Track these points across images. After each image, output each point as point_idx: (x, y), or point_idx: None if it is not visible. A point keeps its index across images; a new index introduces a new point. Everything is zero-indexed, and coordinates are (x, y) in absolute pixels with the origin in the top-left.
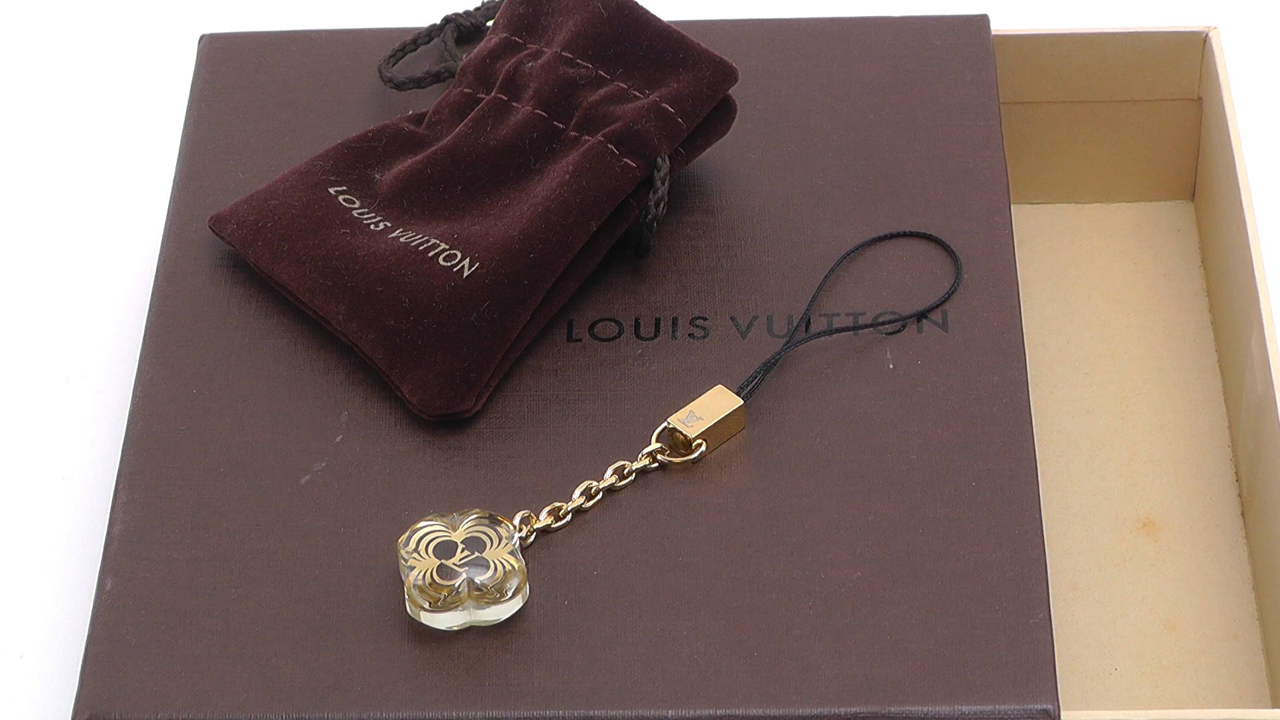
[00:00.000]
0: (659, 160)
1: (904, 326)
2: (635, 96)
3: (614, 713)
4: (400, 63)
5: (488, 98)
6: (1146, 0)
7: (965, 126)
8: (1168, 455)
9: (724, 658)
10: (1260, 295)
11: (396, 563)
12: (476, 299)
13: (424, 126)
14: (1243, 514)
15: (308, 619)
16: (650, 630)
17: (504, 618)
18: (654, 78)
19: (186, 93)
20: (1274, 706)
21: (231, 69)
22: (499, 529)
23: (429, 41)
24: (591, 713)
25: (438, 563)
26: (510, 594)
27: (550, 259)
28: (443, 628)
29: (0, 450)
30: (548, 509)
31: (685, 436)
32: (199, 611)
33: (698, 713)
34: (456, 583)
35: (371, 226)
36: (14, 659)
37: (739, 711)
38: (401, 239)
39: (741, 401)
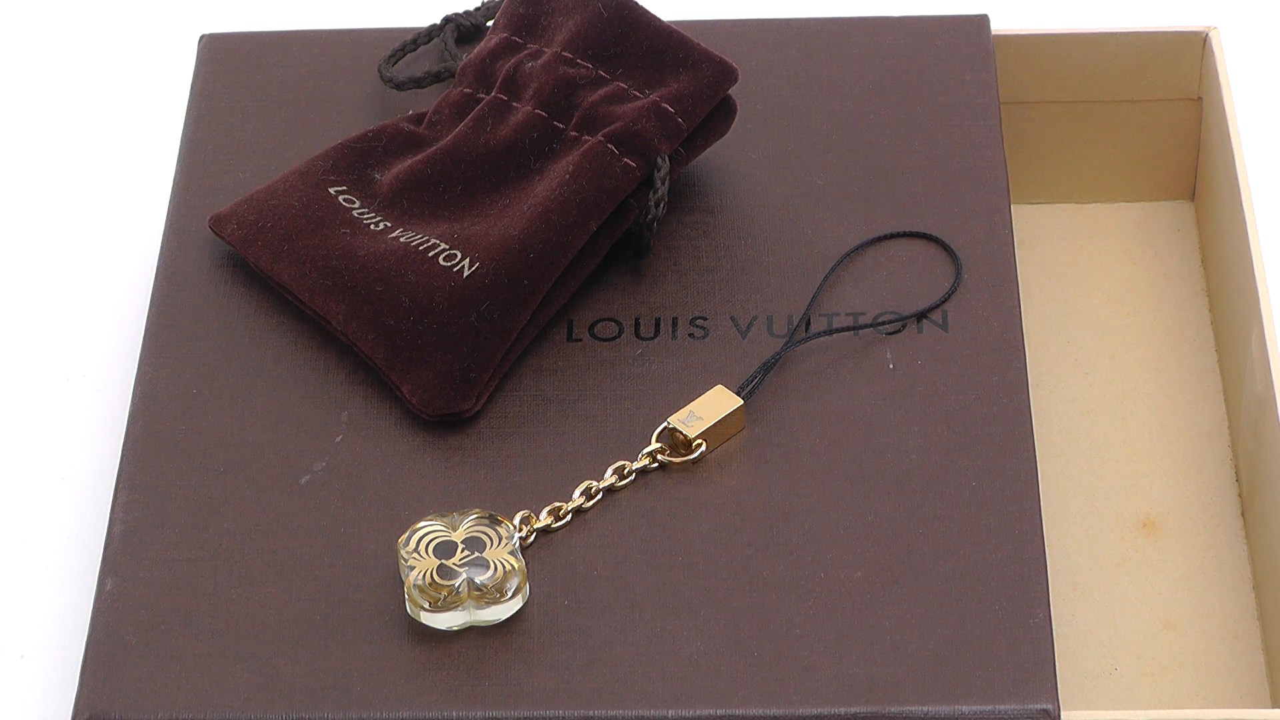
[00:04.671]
0: (659, 160)
1: (904, 326)
2: (635, 96)
3: (614, 713)
4: (400, 63)
5: (488, 98)
6: (1146, 0)
7: (965, 126)
8: (1168, 455)
9: (724, 658)
10: (1260, 295)
11: (396, 563)
12: (476, 299)
13: (424, 126)
14: (1243, 514)
15: (308, 619)
16: (650, 630)
17: (504, 618)
18: (654, 78)
19: (186, 93)
20: (1274, 706)
21: (231, 69)
22: (499, 529)
23: (429, 41)
24: (591, 713)
25: (438, 563)
26: (510, 594)
27: (550, 259)
28: (443, 628)
29: (0, 450)
30: (548, 509)
31: (685, 436)
32: (199, 611)
33: (698, 713)
34: (456, 583)
35: (371, 226)
36: (14, 659)
37: (739, 711)
38: (401, 239)
39: (741, 401)
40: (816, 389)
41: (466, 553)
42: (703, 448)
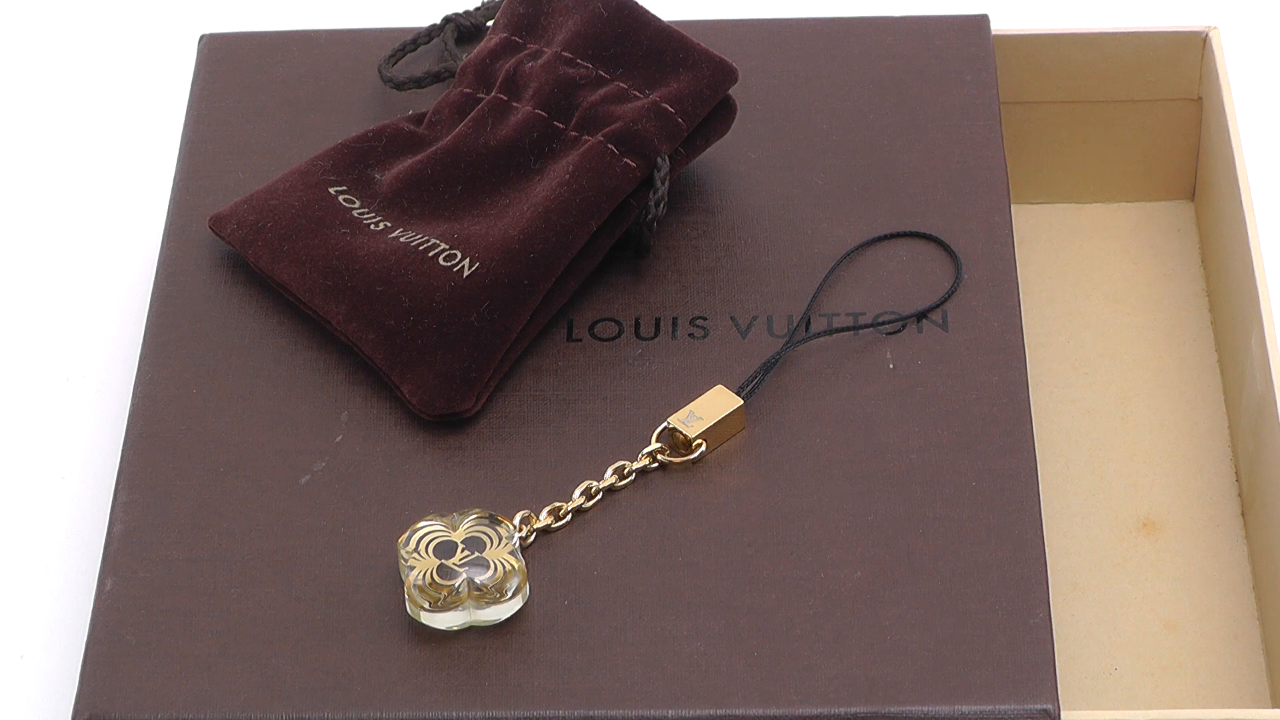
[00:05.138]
0: (659, 160)
1: (904, 326)
2: (635, 96)
3: (614, 713)
4: (400, 63)
5: (488, 98)
6: (1146, 0)
7: (965, 126)
8: (1168, 455)
9: (724, 658)
10: (1260, 295)
11: (396, 563)
12: (477, 299)
13: (424, 126)
14: (1243, 514)
15: (308, 619)
16: (650, 630)
17: (504, 618)
18: (654, 78)
19: (186, 93)
20: (1274, 706)
21: (231, 69)
22: (499, 529)
23: (429, 41)
24: (591, 713)
25: (438, 563)
26: (510, 594)
27: (550, 259)
28: (443, 628)
29: (0, 450)
30: (548, 509)
31: (685, 436)
32: (199, 611)
33: (698, 713)
34: (456, 583)
35: (371, 226)
36: (14, 659)
37: (739, 711)
38: (401, 239)
39: (741, 401)
40: (816, 389)
41: (466, 553)
42: (703, 448)
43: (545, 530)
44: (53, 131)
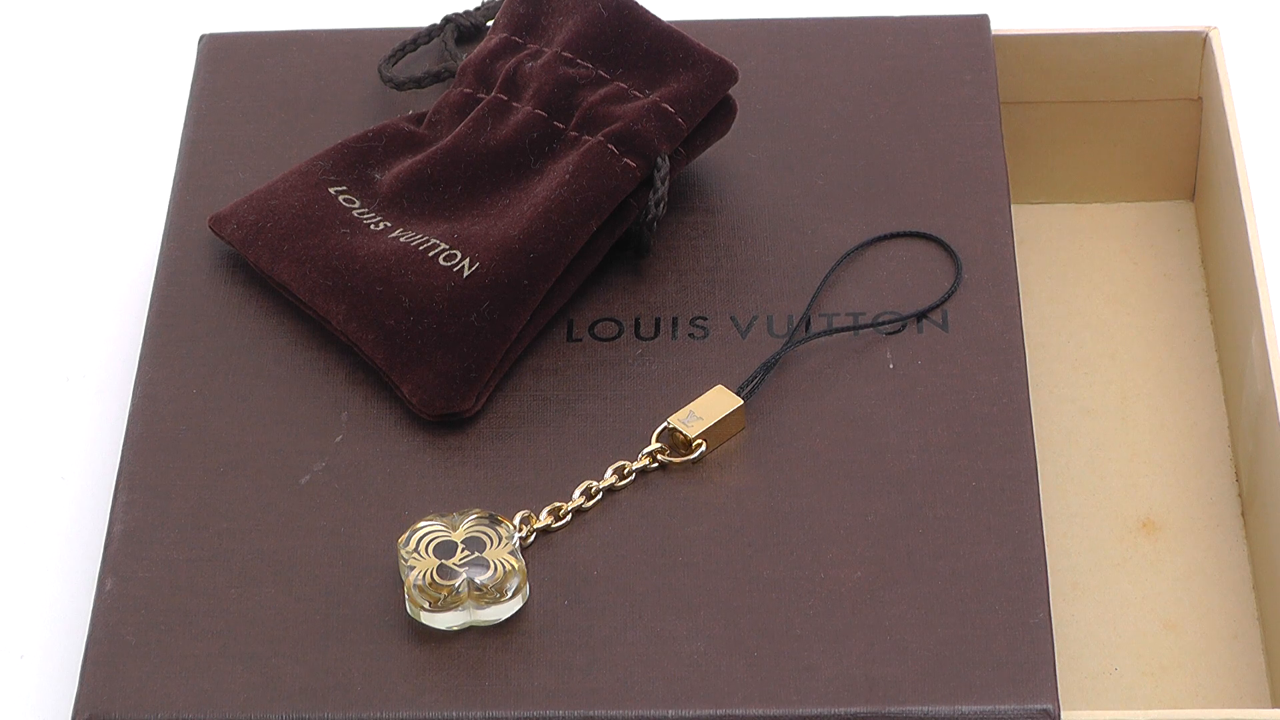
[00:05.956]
0: (659, 160)
1: (904, 326)
2: (635, 96)
3: (614, 713)
4: (400, 63)
5: (488, 98)
6: (1146, 0)
7: (965, 126)
8: (1168, 455)
9: (724, 658)
10: (1260, 295)
11: (396, 563)
12: (476, 299)
13: (424, 126)
14: (1243, 514)
15: (308, 619)
16: (650, 630)
17: (504, 618)
18: (654, 78)
19: (186, 93)
20: (1274, 706)
21: (231, 69)
22: (499, 529)
23: (429, 41)
24: (591, 713)
25: (438, 563)
26: (510, 594)
27: (550, 259)
28: (443, 628)
29: (0, 450)
30: (548, 509)
31: (685, 436)
32: (199, 611)
33: (698, 713)
34: (456, 583)
35: (371, 226)
36: (14, 659)
37: (739, 711)
38: (401, 239)
39: (741, 401)
40: (816, 389)
41: (466, 553)
42: (703, 448)
43: (545, 530)
44: (53, 131)
